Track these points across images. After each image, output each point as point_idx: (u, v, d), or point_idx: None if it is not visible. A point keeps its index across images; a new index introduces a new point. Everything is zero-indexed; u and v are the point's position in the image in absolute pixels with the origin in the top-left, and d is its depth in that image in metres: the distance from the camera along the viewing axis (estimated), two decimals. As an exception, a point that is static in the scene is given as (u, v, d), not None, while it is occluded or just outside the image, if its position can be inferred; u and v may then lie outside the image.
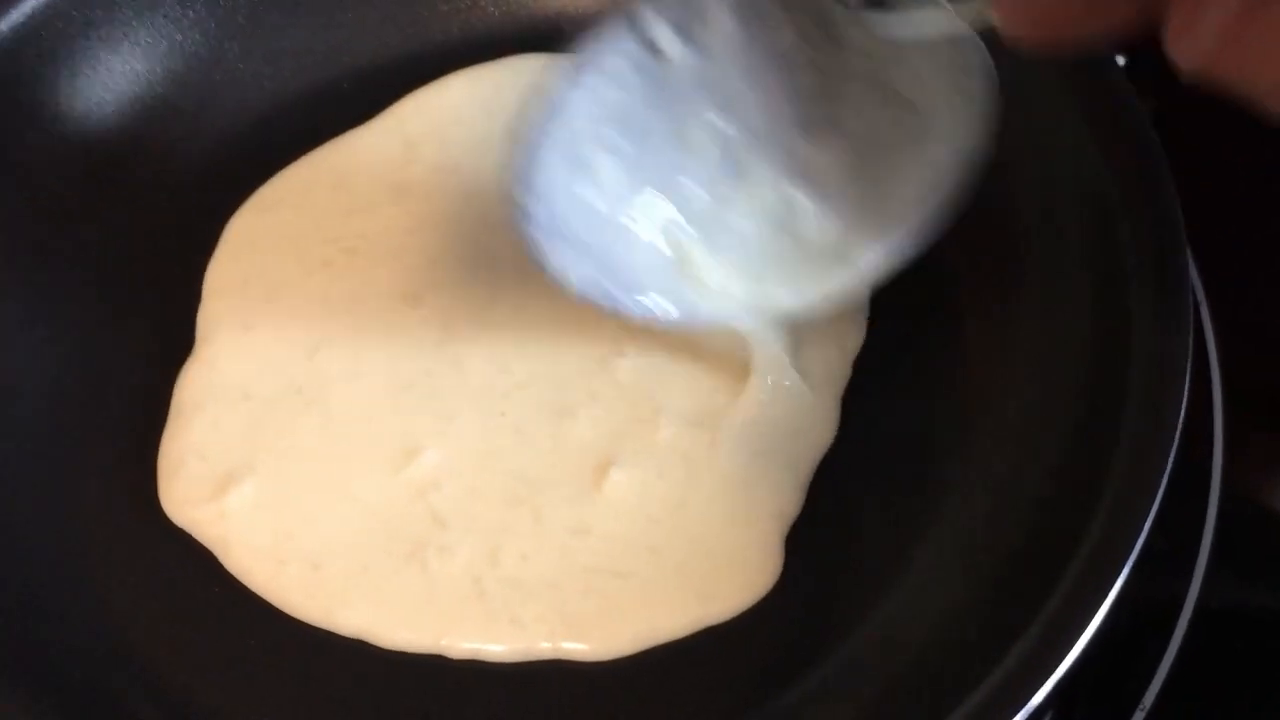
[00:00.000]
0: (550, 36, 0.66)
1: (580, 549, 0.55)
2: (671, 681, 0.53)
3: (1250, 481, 0.59)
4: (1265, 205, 0.66)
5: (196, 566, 0.57)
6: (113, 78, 0.67)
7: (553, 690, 0.54)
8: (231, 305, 0.63)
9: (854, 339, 0.60)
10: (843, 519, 0.56)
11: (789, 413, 0.57)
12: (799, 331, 0.59)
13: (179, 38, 0.69)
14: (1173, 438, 0.48)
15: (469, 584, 0.55)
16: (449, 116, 0.67)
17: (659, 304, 0.56)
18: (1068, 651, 0.45)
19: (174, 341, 0.63)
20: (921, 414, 0.58)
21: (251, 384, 0.61)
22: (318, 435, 0.59)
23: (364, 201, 0.65)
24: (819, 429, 0.58)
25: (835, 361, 0.59)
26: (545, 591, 0.55)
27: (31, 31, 0.65)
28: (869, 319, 0.60)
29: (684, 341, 0.59)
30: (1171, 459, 0.47)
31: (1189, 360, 0.49)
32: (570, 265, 0.55)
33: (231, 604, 0.57)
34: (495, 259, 0.63)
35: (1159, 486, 0.47)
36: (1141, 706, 0.54)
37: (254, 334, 0.62)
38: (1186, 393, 0.49)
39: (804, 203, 0.57)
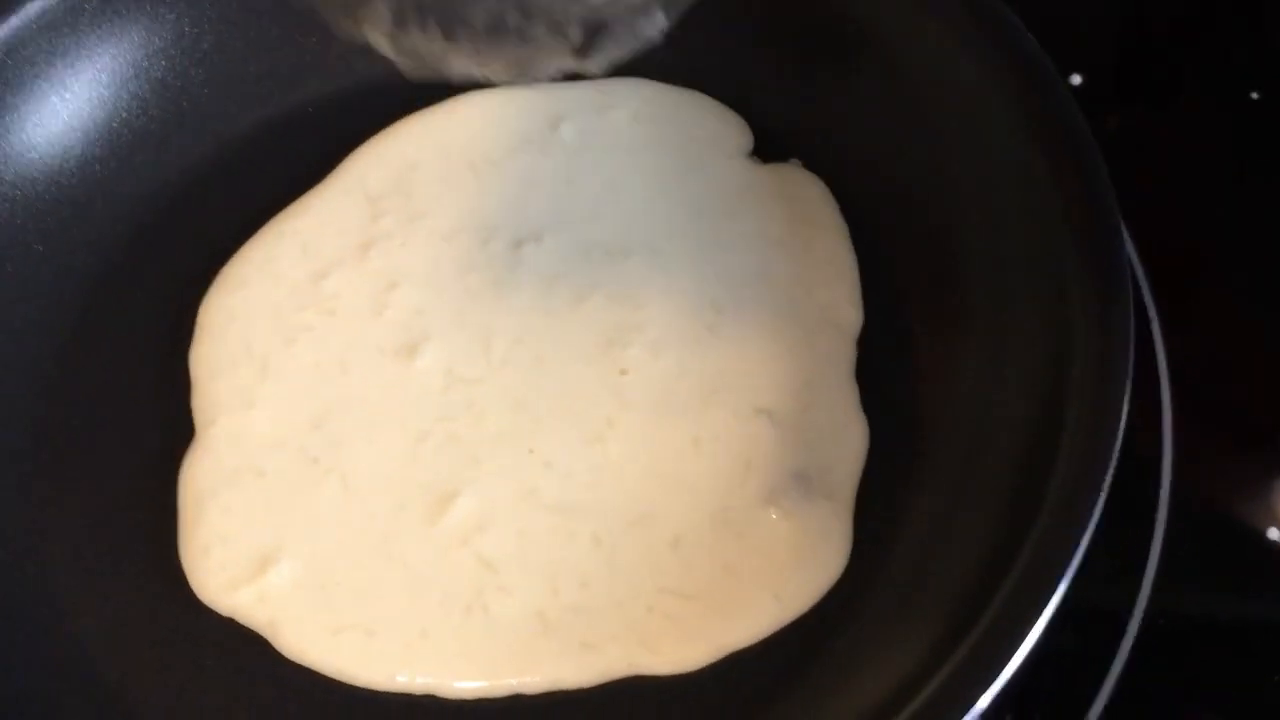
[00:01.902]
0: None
1: (646, 569, 0.56)
2: (755, 681, 0.54)
3: (1201, 491, 0.61)
4: (1218, 218, 0.68)
5: (237, 651, 0.57)
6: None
7: (635, 707, 0.54)
8: (225, 387, 0.62)
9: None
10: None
11: None
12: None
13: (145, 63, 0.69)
14: (1114, 441, 0.49)
15: (534, 620, 0.55)
16: (407, 163, 0.67)
17: None
18: (1003, 664, 0.46)
19: (172, 433, 0.62)
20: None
21: (263, 461, 0.60)
22: (343, 502, 0.59)
23: (333, 263, 0.65)
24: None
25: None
26: (613, 612, 0.55)
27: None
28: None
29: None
30: (1112, 464, 0.49)
31: (1129, 360, 0.51)
32: None
33: (282, 682, 0.56)
34: (480, 297, 0.63)
35: (1100, 490, 0.48)
36: None
37: (256, 411, 0.61)
38: (1128, 392, 0.50)
39: None
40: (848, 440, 0.58)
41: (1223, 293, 0.68)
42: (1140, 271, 0.65)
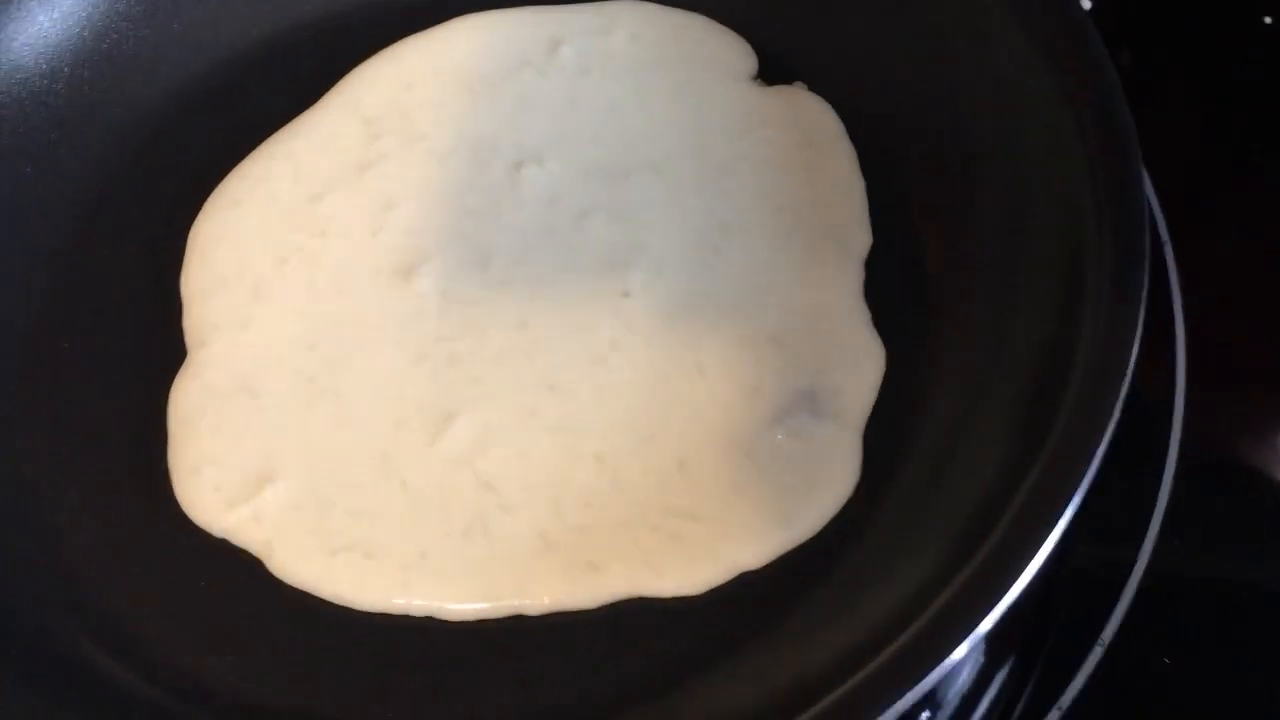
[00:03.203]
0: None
1: (651, 490, 0.54)
2: (760, 603, 0.53)
3: (1211, 443, 0.60)
4: (1237, 159, 0.67)
5: (231, 574, 0.56)
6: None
7: (638, 628, 0.53)
8: (217, 308, 0.61)
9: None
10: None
11: None
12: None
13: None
14: (1125, 370, 0.48)
15: (535, 540, 0.54)
16: (404, 84, 0.65)
17: None
18: (1007, 588, 0.45)
19: (163, 355, 0.60)
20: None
21: (257, 382, 0.59)
22: (339, 422, 0.57)
23: (328, 184, 0.64)
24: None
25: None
26: (617, 533, 0.54)
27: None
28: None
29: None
30: (1123, 393, 0.47)
31: (1144, 288, 0.50)
32: None
33: (273, 604, 0.55)
34: (479, 218, 0.62)
35: (1109, 419, 0.47)
36: (1083, 671, 0.54)
37: (248, 332, 0.60)
38: (1141, 319, 0.49)
39: None
40: (858, 362, 0.57)
41: (1241, 232, 0.67)
42: (1157, 208, 0.64)
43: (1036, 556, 0.46)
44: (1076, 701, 0.51)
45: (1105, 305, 0.50)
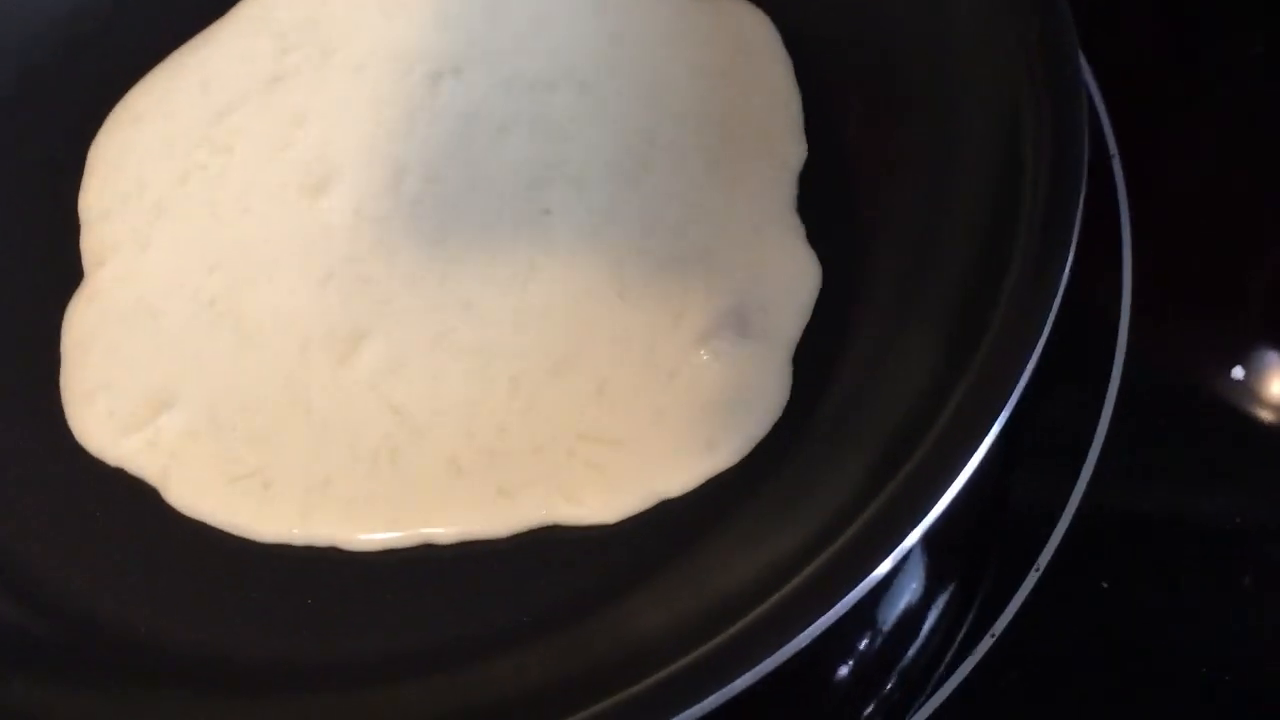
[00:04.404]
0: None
1: (569, 414, 0.52)
2: (678, 531, 0.50)
3: (1156, 367, 0.57)
4: (1190, 74, 0.64)
5: (126, 504, 0.53)
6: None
7: (553, 558, 0.50)
8: (115, 228, 0.58)
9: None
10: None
11: None
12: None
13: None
14: (1060, 275, 0.45)
15: (446, 466, 0.51)
16: (315, -4, 0.62)
17: None
18: (931, 505, 0.43)
19: (60, 278, 0.57)
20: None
21: (155, 304, 0.56)
22: (241, 345, 0.55)
23: (236, 99, 0.60)
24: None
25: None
26: (532, 458, 0.51)
27: None
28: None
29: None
30: (1058, 297, 0.45)
31: (1080, 192, 0.47)
32: None
33: (170, 535, 0.52)
34: (394, 133, 0.59)
35: (1043, 325, 0.45)
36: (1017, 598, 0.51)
37: (148, 253, 0.57)
38: (1077, 225, 0.46)
39: None
40: (789, 279, 0.54)
41: (1195, 151, 0.64)
42: (1107, 123, 0.61)
43: (962, 470, 0.43)
44: (1010, 627, 0.48)
45: (1040, 212, 0.48)
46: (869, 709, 0.52)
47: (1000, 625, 0.49)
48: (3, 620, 0.51)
